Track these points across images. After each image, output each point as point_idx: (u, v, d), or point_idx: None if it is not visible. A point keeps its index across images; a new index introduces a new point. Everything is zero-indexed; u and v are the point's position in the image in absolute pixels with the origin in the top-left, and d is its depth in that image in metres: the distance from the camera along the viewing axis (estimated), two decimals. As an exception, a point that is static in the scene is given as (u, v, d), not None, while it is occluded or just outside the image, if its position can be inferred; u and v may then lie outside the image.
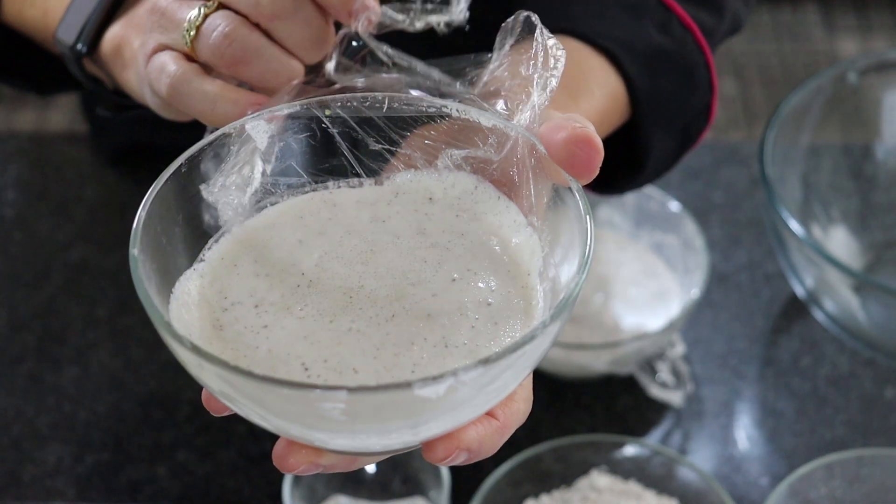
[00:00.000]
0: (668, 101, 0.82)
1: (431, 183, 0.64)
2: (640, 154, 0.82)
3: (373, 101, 0.63)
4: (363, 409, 0.53)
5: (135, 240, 0.57)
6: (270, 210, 0.63)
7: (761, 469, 1.01)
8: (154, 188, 0.59)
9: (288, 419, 0.54)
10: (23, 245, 1.17)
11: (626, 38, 0.80)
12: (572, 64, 0.78)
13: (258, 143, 0.63)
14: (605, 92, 0.78)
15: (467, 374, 0.52)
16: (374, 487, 0.97)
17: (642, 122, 0.81)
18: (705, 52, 0.84)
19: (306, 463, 0.57)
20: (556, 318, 0.54)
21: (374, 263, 0.60)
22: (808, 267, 1.04)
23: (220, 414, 0.59)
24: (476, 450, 0.57)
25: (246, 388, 0.53)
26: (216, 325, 0.58)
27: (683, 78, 0.83)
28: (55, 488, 1.00)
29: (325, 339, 0.57)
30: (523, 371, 0.56)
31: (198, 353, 0.53)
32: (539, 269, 0.60)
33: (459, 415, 0.55)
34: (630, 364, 1.05)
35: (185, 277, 0.60)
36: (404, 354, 0.56)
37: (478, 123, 0.62)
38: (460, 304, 0.58)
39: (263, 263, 0.61)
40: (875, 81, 1.16)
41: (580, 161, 0.59)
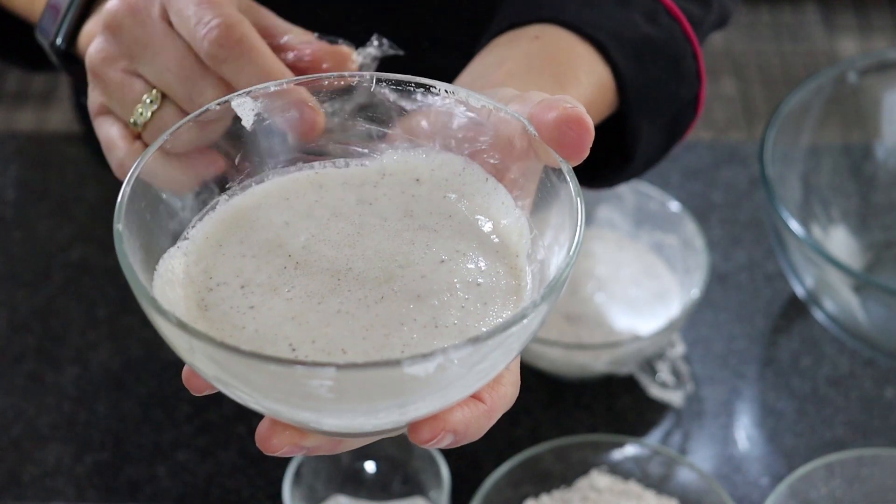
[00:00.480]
0: (655, 90, 0.82)
1: (418, 164, 0.64)
2: (629, 145, 0.83)
3: (360, 80, 0.63)
4: (351, 386, 0.52)
5: (119, 215, 0.57)
6: (256, 189, 0.63)
7: (761, 469, 1.01)
8: (138, 164, 0.58)
9: (274, 398, 0.54)
10: (23, 245, 1.17)
11: (613, 27, 0.80)
12: (560, 53, 0.78)
13: (244, 120, 0.62)
14: (593, 80, 0.78)
15: (457, 353, 0.52)
16: (374, 487, 0.97)
17: (630, 111, 0.81)
18: (693, 43, 0.84)
19: (290, 444, 0.57)
20: (546, 299, 0.54)
21: (362, 246, 0.60)
22: (808, 267, 1.04)
23: (201, 393, 0.58)
24: (462, 432, 0.57)
25: (232, 366, 0.53)
26: (201, 304, 0.58)
27: (671, 68, 0.83)
28: (55, 488, 1.00)
29: (313, 320, 0.57)
30: (512, 351, 0.55)
31: (184, 329, 0.53)
32: (527, 250, 0.60)
33: (447, 394, 0.55)
34: (630, 364, 1.05)
35: (168, 255, 0.59)
36: (394, 335, 0.56)
37: (467, 103, 0.62)
38: (450, 285, 0.58)
39: (249, 244, 0.60)
40: (875, 81, 1.16)
41: (571, 141, 0.59)
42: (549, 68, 0.76)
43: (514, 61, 0.75)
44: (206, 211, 0.62)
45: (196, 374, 0.58)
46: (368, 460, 0.97)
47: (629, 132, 0.82)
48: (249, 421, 1.03)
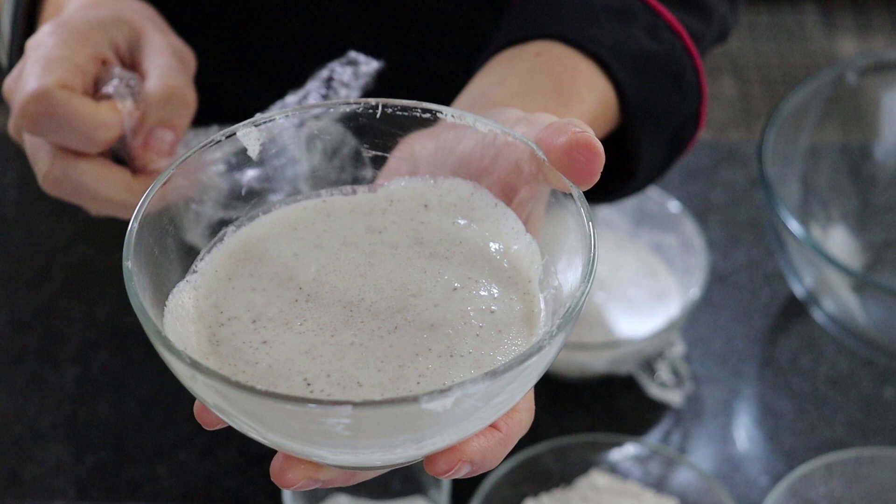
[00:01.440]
0: (657, 105, 0.81)
1: (426, 190, 0.63)
2: (631, 160, 0.82)
3: (365, 107, 0.62)
4: (368, 424, 0.52)
5: (128, 252, 0.56)
6: (263, 219, 0.62)
7: (761, 468, 1.01)
8: (145, 199, 0.58)
9: (290, 435, 0.54)
10: (23, 245, 1.17)
11: (614, 43, 0.80)
12: (562, 69, 0.78)
13: (249, 150, 0.62)
14: (595, 97, 0.78)
15: (475, 387, 0.51)
16: (374, 487, 0.97)
17: (632, 126, 0.80)
18: (694, 57, 0.84)
19: (305, 478, 0.56)
20: (562, 329, 0.53)
21: (373, 276, 0.59)
22: (807, 267, 1.04)
23: (213, 427, 0.58)
24: (479, 462, 0.56)
25: (246, 404, 0.52)
26: (213, 339, 0.57)
27: (673, 82, 0.83)
28: (56, 488, 1.00)
29: (326, 353, 0.56)
30: (529, 381, 0.55)
31: (197, 369, 0.52)
32: (539, 276, 0.59)
33: (465, 428, 0.54)
34: (629, 364, 1.05)
35: (178, 290, 0.59)
36: (409, 366, 0.55)
37: (474, 128, 0.61)
38: (463, 313, 0.57)
39: (259, 277, 0.60)
40: (874, 82, 1.16)
41: (581, 166, 0.58)
42: (551, 85, 0.75)
43: (516, 79, 0.75)
44: (214, 243, 0.61)
45: (207, 410, 0.57)
46: (368, 460, 0.97)
47: (632, 148, 0.81)
48: (250, 420, 1.04)
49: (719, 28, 0.90)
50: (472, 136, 0.62)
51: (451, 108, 0.62)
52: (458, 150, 0.62)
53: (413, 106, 0.62)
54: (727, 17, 0.91)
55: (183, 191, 0.60)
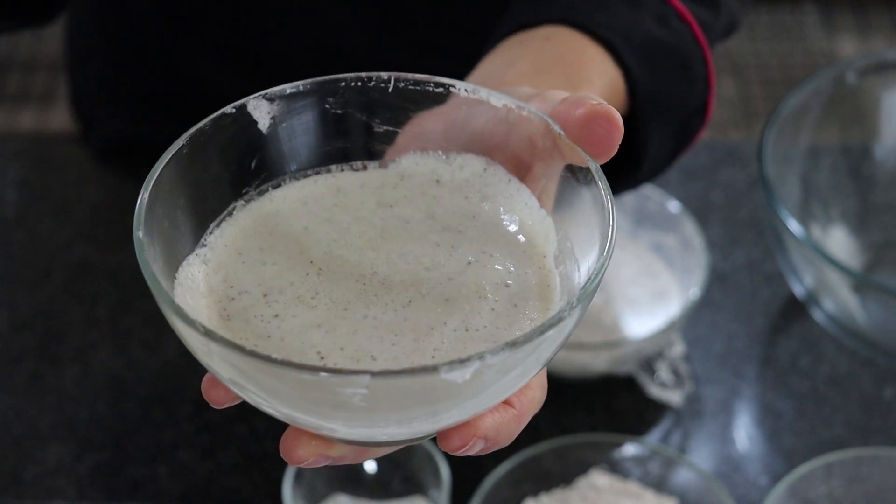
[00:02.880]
0: (666, 93, 0.81)
1: (438, 165, 0.62)
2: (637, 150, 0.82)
3: (378, 81, 0.61)
4: (385, 394, 0.51)
5: (139, 222, 0.55)
6: (273, 193, 0.62)
7: (760, 468, 1.01)
8: (156, 169, 0.57)
9: (303, 408, 0.53)
10: (23, 245, 1.17)
11: (624, 29, 0.79)
12: (571, 54, 0.77)
13: (260, 123, 0.61)
14: (604, 81, 0.77)
15: (494, 358, 0.50)
16: (374, 487, 0.97)
17: (640, 114, 0.80)
18: (703, 47, 0.84)
19: (315, 455, 0.55)
20: (581, 301, 0.53)
21: (386, 249, 0.59)
22: (807, 267, 1.04)
23: (221, 406, 0.57)
24: (493, 438, 0.55)
25: (261, 376, 0.52)
26: (223, 314, 0.57)
27: (681, 71, 0.83)
28: (56, 488, 1.00)
29: (340, 327, 0.55)
30: (546, 355, 0.54)
31: (211, 338, 0.51)
32: (554, 251, 0.59)
33: (481, 401, 0.53)
34: (629, 364, 1.05)
35: (187, 263, 0.58)
36: (424, 340, 0.55)
37: (487, 103, 0.61)
38: (478, 287, 0.57)
39: (270, 252, 0.59)
40: (874, 82, 1.16)
41: (600, 138, 0.57)
42: (560, 69, 0.75)
43: (526, 61, 0.75)
44: (224, 217, 0.61)
45: (215, 386, 0.56)
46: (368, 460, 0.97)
47: (639, 136, 0.81)
48: (250, 421, 1.04)
49: (728, 20, 0.90)
50: (483, 114, 0.61)
51: (463, 83, 0.61)
52: (469, 127, 0.62)
53: (426, 80, 0.61)
54: (736, 9, 0.91)
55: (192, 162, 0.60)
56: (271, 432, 1.03)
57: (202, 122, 0.60)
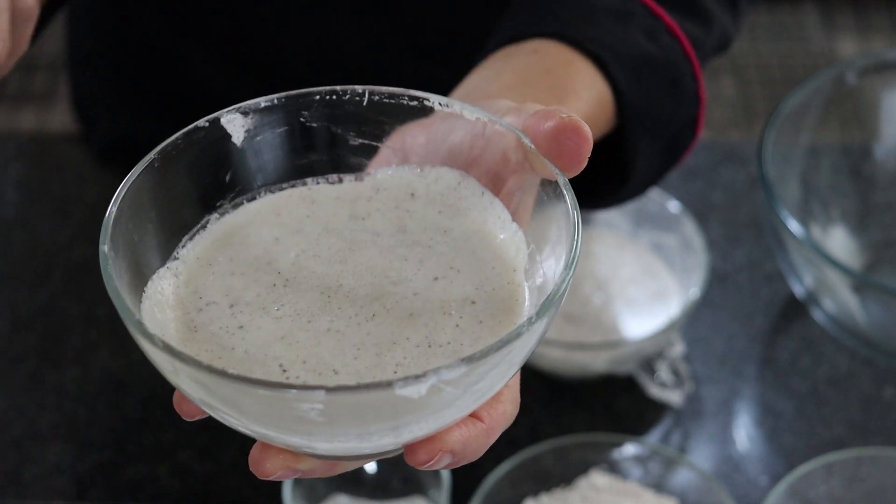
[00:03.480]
0: (654, 108, 0.81)
1: (413, 179, 0.62)
2: (626, 164, 0.82)
3: (353, 95, 0.61)
4: (342, 409, 0.51)
5: (105, 236, 0.55)
6: (247, 207, 0.62)
7: (760, 468, 1.01)
8: (125, 183, 0.57)
9: (264, 422, 0.53)
10: (23, 245, 1.17)
11: (613, 43, 0.79)
12: (559, 67, 0.77)
13: (234, 137, 0.61)
14: (592, 95, 0.77)
15: (450, 373, 0.50)
16: (374, 487, 0.97)
17: (628, 128, 0.80)
18: (693, 63, 0.83)
19: (283, 468, 0.55)
20: (542, 315, 0.53)
21: (353, 262, 0.59)
22: (807, 267, 1.04)
23: (192, 418, 0.57)
24: (461, 452, 0.55)
25: (220, 390, 0.52)
26: (190, 326, 0.57)
27: (670, 86, 0.82)
28: (56, 487, 1.00)
29: (303, 339, 0.56)
30: (509, 370, 0.54)
31: (170, 353, 0.51)
32: (525, 265, 0.59)
33: (443, 416, 0.53)
34: (629, 364, 1.05)
35: (157, 276, 0.58)
36: (386, 354, 0.55)
37: (461, 116, 0.61)
38: (443, 303, 0.57)
39: (239, 262, 0.59)
40: (874, 82, 1.16)
41: (568, 151, 0.57)
42: (547, 81, 0.75)
43: (512, 74, 0.74)
44: (197, 230, 0.60)
45: (186, 400, 0.56)
46: (368, 460, 0.97)
47: (627, 151, 0.81)
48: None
49: (720, 37, 0.89)
50: (463, 127, 0.61)
51: (438, 96, 0.61)
52: (447, 140, 0.62)
53: (400, 93, 0.61)
54: (728, 26, 0.91)
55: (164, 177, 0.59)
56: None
57: (174, 136, 0.59)
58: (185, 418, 0.57)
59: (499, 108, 0.63)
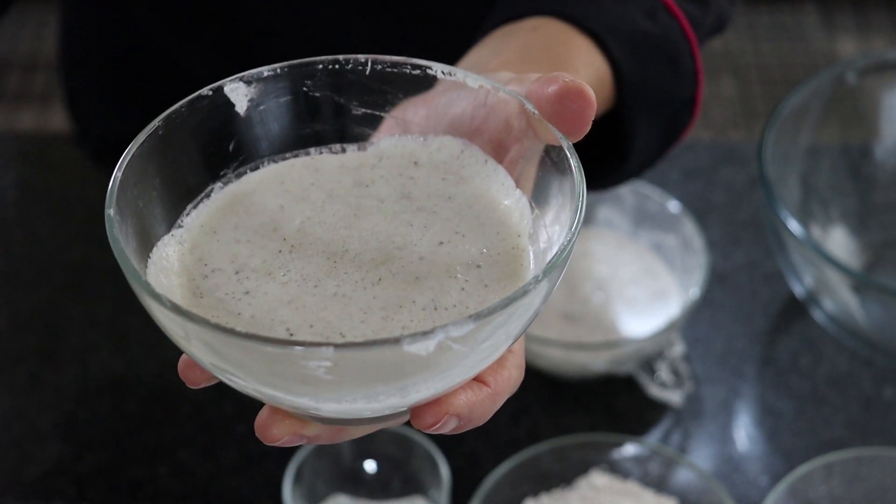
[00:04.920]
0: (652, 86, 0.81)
1: (416, 148, 0.63)
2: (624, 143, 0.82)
3: (355, 64, 0.62)
4: (350, 367, 0.51)
5: (110, 200, 0.56)
6: (251, 176, 0.62)
7: (760, 468, 1.01)
8: (130, 149, 0.57)
9: (271, 383, 0.53)
10: (24, 245, 1.17)
11: (611, 21, 0.79)
12: (558, 44, 0.77)
13: (237, 106, 0.61)
14: (591, 72, 0.77)
15: (458, 330, 0.51)
16: (374, 487, 0.97)
17: (627, 106, 0.80)
18: (691, 42, 0.84)
19: (290, 433, 0.56)
20: (547, 275, 0.53)
21: (358, 228, 0.59)
22: (807, 267, 1.04)
23: (197, 385, 0.57)
24: (466, 416, 0.55)
25: (229, 350, 0.52)
26: (196, 292, 0.57)
27: (669, 65, 0.83)
28: (56, 487, 1.00)
29: (309, 303, 0.56)
30: (514, 331, 0.54)
31: (178, 313, 0.51)
32: (529, 231, 0.59)
33: (449, 376, 0.54)
34: (629, 364, 1.05)
35: (162, 243, 0.58)
36: (393, 318, 0.55)
37: (464, 84, 0.61)
38: (449, 267, 0.57)
39: (244, 229, 0.59)
40: (874, 82, 1.16)
41: (572, 114, 0.58)
42: (546, 58, 0.75)
43: (512, 52, 0.75)
44: (201, 198, 0.61)
45: (192, 366, 0.57)
46: (368, 459, 0.97)
47: (626, 129, 0.81)
48: (250, 420, 1.03)
49: (717, 17, 0.90)
50: (464, 98, 0.61)
51: (441, 65, 0.61)
52: (449, 113, 0.62)
53: (403, 62, 0.62)
54: (725, 7, 0.91)
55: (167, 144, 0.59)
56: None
57: (178, 104, 0.60)
58: (190, 386, 0.57)
59: (500, 78, 0.63)
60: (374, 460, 0.97)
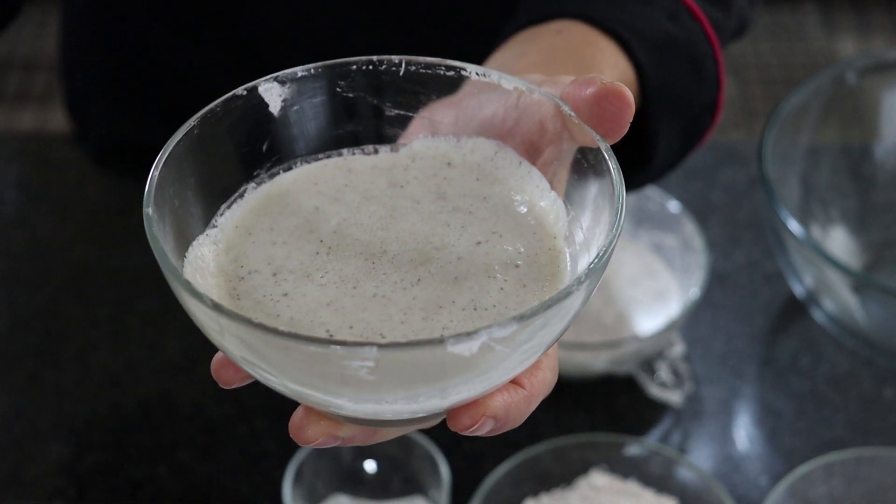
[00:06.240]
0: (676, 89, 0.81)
1: (449, 149, 0.63)
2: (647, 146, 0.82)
3: (389, 65, 0.62)
4: (392, 367, 0.51)
5: (148, 199, 0.55)
6: (283, 177, 0.62)
7: (760, 468, 1.01)
8: (167, 148, 0.57)
9: (312, 383, 0.53)
10: (24, 245, 1.17)
11: (635, 24, 0.79)
12: (583, 46, 0.77)
13: (271, 106, 0.61)
14: (616, 75, 0.77)
15: (502, 331, 0.51)
16: (374, 487, 0.97)
17: (651, 109, 0.80)
18: (714, 45, 0.84)
19: (325, 435, 0.55)
20: (590, 275, 0.53)
21: (395, 229, 0.59)
22: (807, 267, 1.04)
23: (230, 386, 0.57)
24: (503, 418, 0.55)
25: (269, 350, 0.52)
26: (233, 293, 0.57)
27: (692, 67, 0.82)
28: (56, 487, 1.00)
29: (349, 305, 0.56)
30: (555, 332, 0.54)
31: (220, 312, 0.51)
32: (565, 233, 0.59)
33: (490, 377, 0.53)
34: (629, 364, 1.05)
35: (197, 243, 0.58)
36: (433, 318, 0.55)
37: (499, 86, 0.61)
38: (488, 267, 0.57)
39: (279, 231, 0.59)
40: (874, 82, 1.16)
41: (610, 116, 0.57)
42: (572, 61, 0.75)
43: (536, 54, 0.74)
44: (235, 199, 0.61)
45: (226, 366, 0.56)
46: (368, 460, 0.98)
47: (649, 132, 0.81)
48: (250, 421, 1.04)
49: (738, 21, 0.90)
50: (494, 101, 0.61)
51: (475, 66, 0.61)
52: (479, 115, 0.62)
53: (437, 63, 0.61)
54: (746, 9, 0.91)
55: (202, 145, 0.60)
56: (271, 432, 1.03)
57: (213, 104, 0.60)
58: (224, 386, 0.57)
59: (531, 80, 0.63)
60: (374, 460, 0.97)
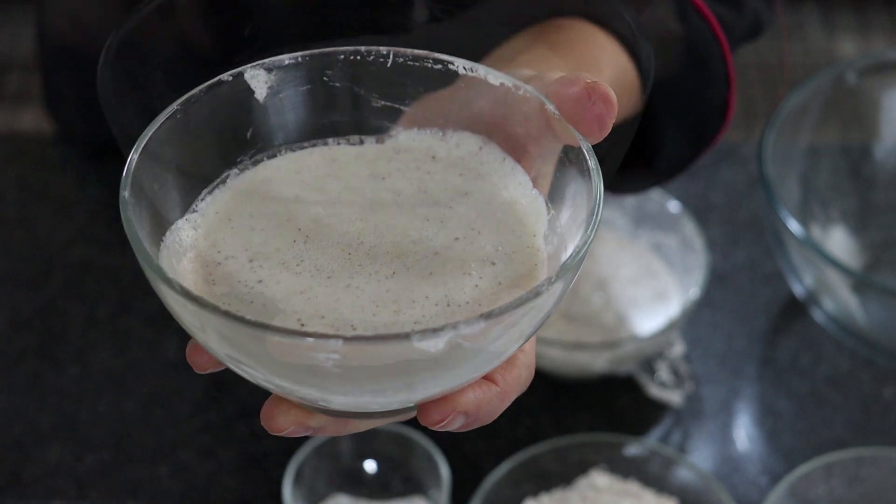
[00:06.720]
0: (679, 88, 0.80)
1: (434, 142, 0.62)
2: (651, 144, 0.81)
3: (377, 56, 0.62)
4: (359, 360, 0.51)
5: (126, 182, 0.55)
6: (267, 164, 0.62)
7: (760, 468, 1.01)
8: (147, 132, 0.57)
9: (280, 373, 0.53)
10: (24, 245, 1.17)
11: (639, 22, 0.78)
12: (582, 42, 0.77)
13: (257, 93, 0.61)
14: (615, 72, 0.77)
15: (469, 328, 0.50)
16: (374, 487, 0.97)
17: (654, 109, 0.79)
18: (722, 45, 0.83)
19: (295, 424, 0.56)
20: (560, 277, 0.53)
21: (374, 220, 0.59)
22: (806, 267, 1.04)
23: (204, 371, 0.57)
24: (474, 413, 0.55)
25: (238, 337, 0.52)
26: (208, 279, 0.57)
27: (697, 67, 0.82)
28: (56, 487, 1.00)
29: (322, 294, 0.56)
30: (526, 330, 0.54)
31: (188, 298, 0.51)
32: (544, 231, 0.59)
33: (458, 374, 0.53)
34: (629, 364, 1.05)
35: (176, 227, 0.58)
36: (405, 312, 0.55)
37: (485, 81, 0.61)
38: (463, 263, 0.57)
39: (259, 218, 0.59)
40: (874, 82, 1.16)
41: (592, 116, 0.57)
42: (570, 55, 0.75)
43: (535, 50, 0.74)
44: (216, 184, 0.61)
45: (199, 351, 0.56)
46: (368, 460, 0.98)
47: (653, 132, 0.80)
48: (251, 420, 1.04)
49: (752, 22, 0.89)
50: (483, 97, 0.61)
51: (462, 60, 0.61)
52: (468, 108, 0.62)
53: (425, 56, 0.61)
54: (762, 11, 0.90)
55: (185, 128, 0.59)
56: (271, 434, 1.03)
57: (197, 88, 0.59)
58: (197, 371, 0.57)
59: (520, 75, 0.63)
60: (374, 460, 0.97)
